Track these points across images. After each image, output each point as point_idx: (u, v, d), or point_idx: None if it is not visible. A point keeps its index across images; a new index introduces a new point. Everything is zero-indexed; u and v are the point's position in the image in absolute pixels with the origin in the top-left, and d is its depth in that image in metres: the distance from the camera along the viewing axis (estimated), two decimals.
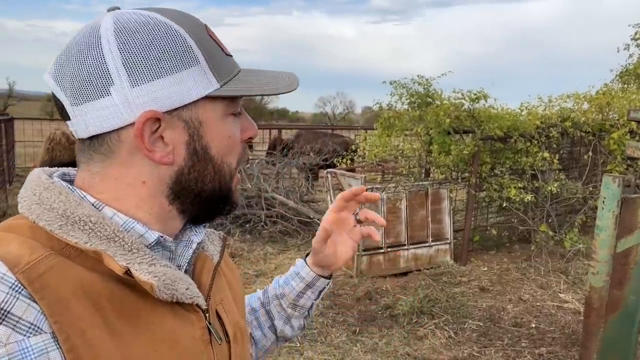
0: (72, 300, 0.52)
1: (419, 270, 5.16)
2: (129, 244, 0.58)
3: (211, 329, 0.66)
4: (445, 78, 5.64)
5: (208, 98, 0.60)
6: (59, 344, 0.50)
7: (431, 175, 5.80)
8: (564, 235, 5.47)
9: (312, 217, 6.13)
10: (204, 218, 0.69)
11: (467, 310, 4.31)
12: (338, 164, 6.51)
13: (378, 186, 5.01)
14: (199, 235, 0.71)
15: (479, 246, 5.86)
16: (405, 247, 5.14)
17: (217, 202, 0.66)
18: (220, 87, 0.61)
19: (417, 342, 3.75)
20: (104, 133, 0.59)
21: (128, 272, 0.55)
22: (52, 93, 0.60)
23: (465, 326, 4.02)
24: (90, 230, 0.57)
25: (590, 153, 5.97)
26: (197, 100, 0.60)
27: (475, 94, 5.33)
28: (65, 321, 0.51)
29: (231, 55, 0.66)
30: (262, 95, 0.66)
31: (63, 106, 0.60)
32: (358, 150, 7.37)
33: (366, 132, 10.44)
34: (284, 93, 0.66)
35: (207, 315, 0.66)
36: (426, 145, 5.60)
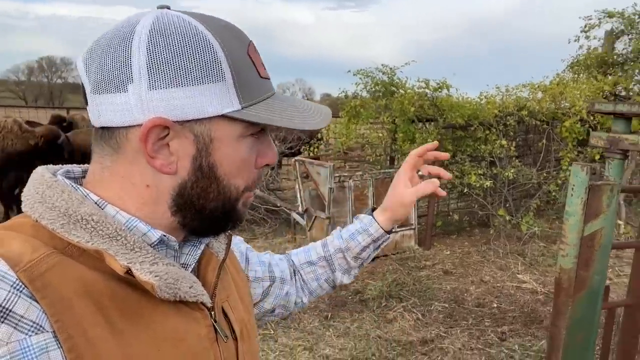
0: (73, 299, 0.52)
1: (386, 255, 5.30)
2: (131, 243, 0.58)
3: (217, 327, 0.66)
4: (403, 66, 5.77)
5: (226, 117, 0.59)
6: (59, 343, 0.50)
7: (396, 162, 5.93)
8: (520, 219, 5.74)
9: (278, 205, 6.14)
10: (204, 234, 0.68)
11: (432, 292, 4.48)
12: (305, 152, 6.54)
13: (346, 174, 5.09)
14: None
15: (441, 231, 6.06)
16: None
17: (218, 220, 0.65)
18: (242, 108, 0.59)
19: (387, 325, 3.87)
20: (114, 127, 0.58)
21: (129, 271, 0.55)
22: (80, 76, 0.61)
23: (432, 308, 4.18)
24: (92, 229, 0.56)
25: (544, 140, 6.27)
26: (213, 117, 0.58)
27: (438, 84, 5.47)
28: (67, 320, 0.51)
29: (268, 79, 0.65)
30: (284, 127, 0.62)
31: (85, 91, 0.60)
32: (323, 138, 7.42)
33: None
34: (308, 130, 0.66)
35: (212, 313, 0.66)
36: (391, 134, 5.71)
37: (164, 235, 0.62)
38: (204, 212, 0.63)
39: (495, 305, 4.31)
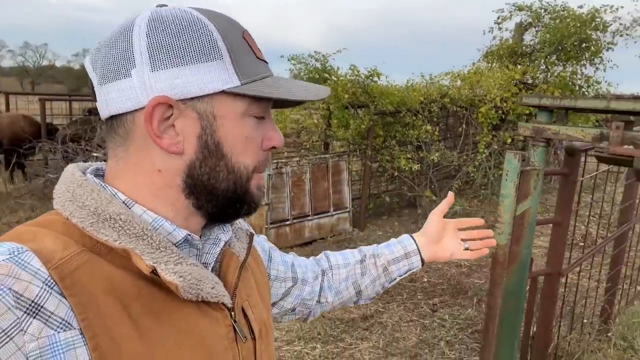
0: (100, 297, 0.54)
1: (323, 238, 5.48)
2: (157, 242, 0.59)
3: (236, 327, 0.66)
4: (327, 49, 5.92)
5: (228, 94, 0.60)
6: (85, 340, 0.52)
7: (330, 148, 6.09)
8: (443, 199, 6.17)
9: None
10: (222, 218, 0.68)
11: None
12: None
13: (284, 160, 5.15)
14: (227, 233, 0.72)
15: (373, 213, 6.35)
16: (310, 218, 5.39)
17: (232, 202, 0.65)
18: (241, 85, 0.60)
19: None
20: (122, 114, 0.60)
21: (154, 271, 0.57)
22: (88, 75, 0.63)
23: None
24: (120, 228, 0.58)
25: (463, 125, 6.74)
26: (215, 94, 0.60)
27: (369, 71, 5.67)
28: (93, 319, 0.53)
29: (265, 61, 0.67)
30: (285, 99, 0.64)
31: (93, 86, 0.62)
32: None
33: None
34: (310, 101, 0.66)
35: (232, 313, 0.67)
36: (326, 120, 5.85)
37: (189, 235, 0.64)
38: (216, 192, 0.63)
39: (425, 280, 4.64)
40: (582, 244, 3.70)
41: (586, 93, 7.54)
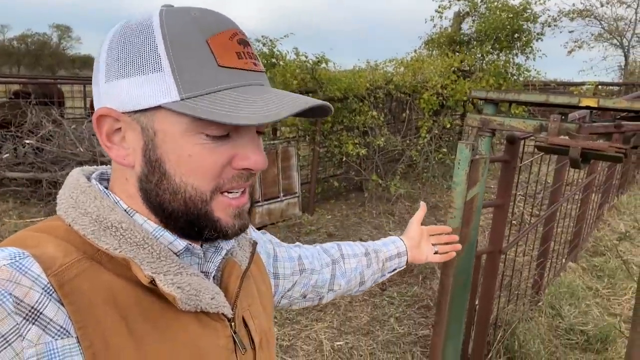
0: (99, 306, 0.53)
1: (273, 223, 5.53)
2: (158, 252, 0.59)
3: (236, 338, 0.66)
4: (268, 32, 5.90)
5: (169, 110, 0.56)
6: (82, 349, 0.51)
7: (278, 133, 6.11)
8: (388, 182, 6.41)
9: None
10: (187, 237, 0.64)
11: None
12: None
13: None
14: (229, 242, 0.71)
15: (322, 197, 6.48)
16: (260, 204, 5.42)
17: (190, 224, 0.61)
18: (181, 100, 0.56)
19: None
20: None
21: (153, 282, 0.56)
22: None
23: None
24: (121, 237, 0.58)
25: (407, 111, 6.98)
26: (157, 109, 0.57)
27: (317, 57, 5.72)
28: (90, 327, 0.52)
29: (238, 68, 0.58)
30: (221, 122, 0.54)
31: None
32: None
33: None
34: (258, 124, 0.55)
35: (232, 323, 0.66)
36: None
37: (190, 244, 0.63)
38: (168, 211, 0.60)
39: None
40: (517, 223, 4.02)
41: (517, 80, 8.03)
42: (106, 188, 0.64)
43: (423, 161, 7.08)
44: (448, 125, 7.18)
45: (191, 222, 0.61)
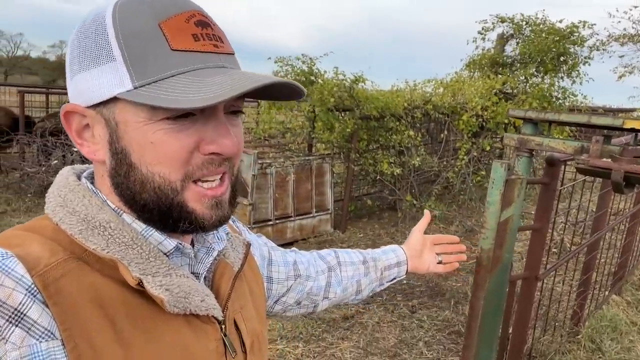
0: (85, 307, 0.52)
1: (304, 239, 5.53)
2: (147, 252, 0.57)
3: (226, 341, 0.65)
4: (309, 51, 5.98)
5: (125, 99, 0.55)
6: (66, 352, 0.50)
7: (314, 149, 6.15)
8: (423, 203, 6.30)
9: None
10: (166, 230, 0.61)
11: None
12: None
13: (269, 161, 5.19)
14: (221, 242, 0.69)
15: (354, 215, 6.44)
16: (292, 219, 5.44)
17: (163, 216, 0.58)
18: (134, 88, 0.54)
19: None
20: None
21: (140, 283, 0.55)
22: None
23: None
24: (109, 236, 0.56)
25: (445, 132, 6.89)
26: (116, 99, 0.55)
27: (355, 76, 5.76)
28: (75, 329, 0.51)
29: (193, 50, 0.55)
30: (167, 108, 0.53)
31: None
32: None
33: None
34: (202, 107, 0.51)
35: (223, 326, 0.65)
36: (311, 122, 5.91)
37: (180, 244, 0.61)
38: (141, 203, 0.58)
39: (405, 282, 4.74)
40: (556, 250, 3.85)
41: (562, 104, 7.80)
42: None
43: (460, 183, 6.94)
44: (488, 148, 7.04)
45: (165, 214, 0.58)
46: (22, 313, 0.48)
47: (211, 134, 0.57)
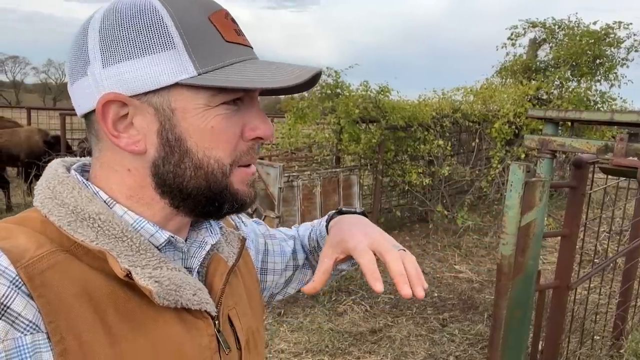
0: (71, 300, 0.51)
1: None
2: (137, 245, 0.57)
3: (219, 337, 0.63)
4: (342, 66, 6.00)
5: (185, 85, 0.55)
6: (52, 345, 0.49)
7: (341, 162, 6.13)
8: (455, 214, 6.14)
9: None
10: (205, 215, 0.63)
11: None
12: None
13: (295, 174, 5.20)
14: (214, 236, 0.68)
15: (384, 227, 6.32)
16: None
17: (210, 200, 0.60)
18: (198, 75, 0.55)
19: (338, 318, 4.04)
20: (89, 114, 0.59)
21: (129, 275, 0.54)
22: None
23: (379, 300, 4.40)
24: (99, 228, 0.55)
25: (476, 140, 6.73)
26: (171, 86, 0.55)
27: (380, 87, 5.73)
28: (61, 322, 0.50)
29: (239, 44, 0.60)
30: (244, 89, 0.57)
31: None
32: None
33: (272, 120, 10.57)
34: (279, 89, 0.57)
35: (216, 322, 0.63)
36: (337, 134, 5.90)
37: (172, 237, 0.61)
38: (187, 191, 0.59)
39: (436, 295, 4.61)
40: (593, 258, 3.65)
41: (601, 109, 7.49)
42: (88, 180, 0.62)
43: (494, 193, 6.74)
44: (523, 156, 6.81)
45: (212, 198, 0.60)
46: (5, 305, 0.47)
47: (254, 120, 0.60)
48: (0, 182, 7.00)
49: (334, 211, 0.88)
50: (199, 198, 0.60)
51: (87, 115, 0.59)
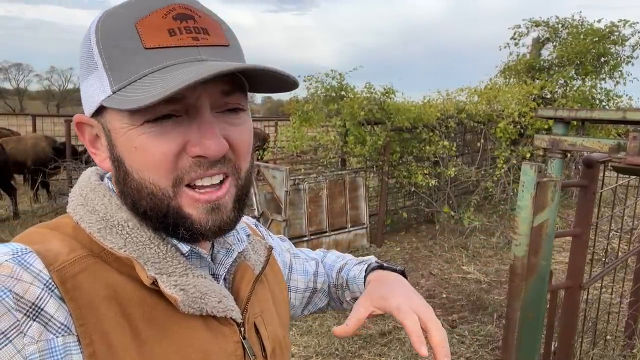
0: (101, 304, 0.52)
1: None
2: (164, 252, 0.57)
3: (245, 344, 0.63)
4: (344, 68, 5.99)
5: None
6: (82, 347, 0.50)
7: (347, 164, 6.13)
8: (462, 215, 6.12)
9: None
10: (175, 237, 0.59)
11: None
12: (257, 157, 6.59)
13: (301, 177, 5.20)
14: (241, 244, 0.69)
15: (391, 229, 6.33)
16: (327, 234, 5.40)
17: (163, 222, 0.57)
18: (113, 93, 0.53)
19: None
20: None
21: (155, 282, 0.55)
22: None
23: None
24: (127, 235, 0.56)
25: (481, 140, 6.71)
26: (106, 108, 0.55)
27: (384, 89, 5.73)
28: (91, 325, 0.51)
29: (171, 46, 0.53)
30: (123, 109, 0.52)
31: None
32: (271, 142, 7.50)
33: (276, 123, 10.58)
34: (155, 101, 0.48)
35: (242, 329, 0.63)
36: (342, 136, 5.90)
37: (194, 248, 0.61)
38: (140, 210, 0.57)
39: (444, 296, 4.59)
40: (604, 258, 3.63)
41: (607, 107, 7.45)
42: None
43: (500, 193, 6.72)
44: (528, 155, 6.79)
45: (163, 221, 0.57)
46: (39, 308, 0.48)
47: (195, 135, 0.54)
48: (7, 188, 7.03)
49: (374, 260, 0.88)
50: (152, 218, 0.57)
51: None
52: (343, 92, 5.91)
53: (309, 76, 5.94)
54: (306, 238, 5.23)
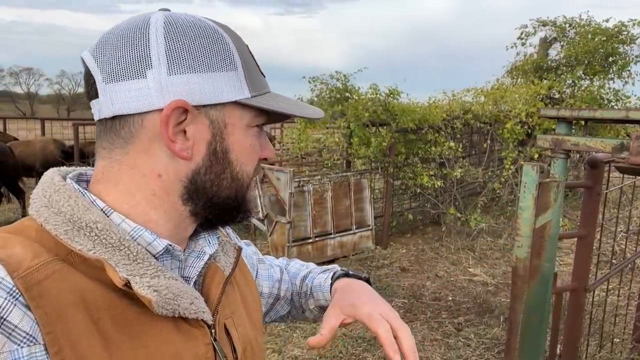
0: (68, 310, 0.51)
1: (345, 256, 5.45)
2: (135, 253, 0.56)
3: (216, 346, 0.63)
4: (351, 70, 5.98)
5: (238, 104, 0.61)
6: (49, 357, 0.49)
7: (352, 166, 6.11)
8: (468, 216, 6.07)
9: None
10: (215, 224, 0.68)
11: (392, 289, 4.67)
12: None
13: (305, 179, 5.19)
14: (212, 246, 0.69)
15: (396, 230, 6.29)
16: (332, 236, 5.38)
17: (231, 209, 0.65)
18: (252, 97, 0.62)
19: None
20: (128, 115, 0.58)
21: (128, 284, 0.54)
22: (87, 70, 0.60)
23: (392, 304, 4.33)
24: (95, 237, 0.55)
25: (488, 141, 6.66)
26: (227, 103, 0.60)
27: (389, 90, 5.70)
28: (59, 333, 0.50)
29: (264, 76, 0.68)
30: (292, 115, 0.66)
31: (94, 83, 0.59)
32: (276, 144, 7.50)
33: (281, 125, 10.58)
34: (311, 119, 0.71)
35: (212, 330, 0.64)
36: (347, 138, 5.88)
37: (170, 245, 0.61)
38: (217, 200, 0.63)
39: (450, 298, 4.55)
40: (610, 259, 3.57)
41: (615, 107, 7.37)
42: (85, 188, 0.61)
43: (507, 194, 6.65)
44: (536, 156, 6.72)
45: (235, 207, 0.65)
46: (2, 317, 0.47)
47: (264, 143, 0.68)
48: (15, 191, 7.09)
49: (339, 268, 0.91)
50: (224, 206, 0.64)
51: (120, 116, 0.58)
52: (347, 94, 5.89)
53: (313, 78, 5.93)
54: (311, 240, 5.22)
